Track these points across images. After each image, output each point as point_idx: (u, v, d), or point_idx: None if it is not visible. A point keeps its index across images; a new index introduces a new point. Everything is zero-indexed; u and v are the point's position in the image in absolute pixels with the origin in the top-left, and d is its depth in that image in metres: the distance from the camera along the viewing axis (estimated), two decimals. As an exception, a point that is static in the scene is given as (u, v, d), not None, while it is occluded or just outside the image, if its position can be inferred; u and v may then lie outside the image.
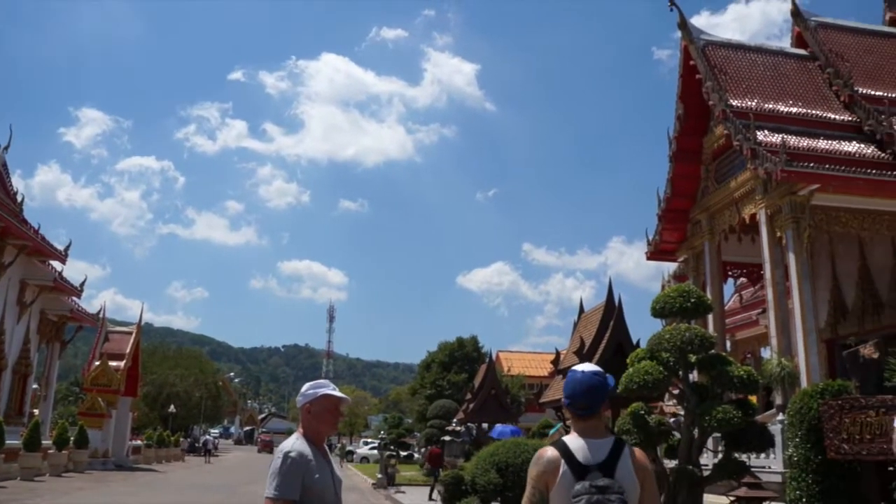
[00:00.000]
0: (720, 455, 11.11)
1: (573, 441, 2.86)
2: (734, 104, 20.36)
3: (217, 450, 60.64)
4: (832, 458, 7.51)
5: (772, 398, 19.25)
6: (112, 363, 35.37)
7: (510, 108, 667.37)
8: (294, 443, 3.48)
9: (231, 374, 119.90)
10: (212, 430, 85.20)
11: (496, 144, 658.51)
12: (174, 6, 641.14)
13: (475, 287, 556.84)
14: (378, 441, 46.99)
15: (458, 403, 35.17)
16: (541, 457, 2.87)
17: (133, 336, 38.47)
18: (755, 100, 20.82)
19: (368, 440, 63.24)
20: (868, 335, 18.40)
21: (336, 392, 3.60)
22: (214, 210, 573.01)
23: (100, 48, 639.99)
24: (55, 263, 31.92)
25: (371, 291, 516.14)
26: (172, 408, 60.00)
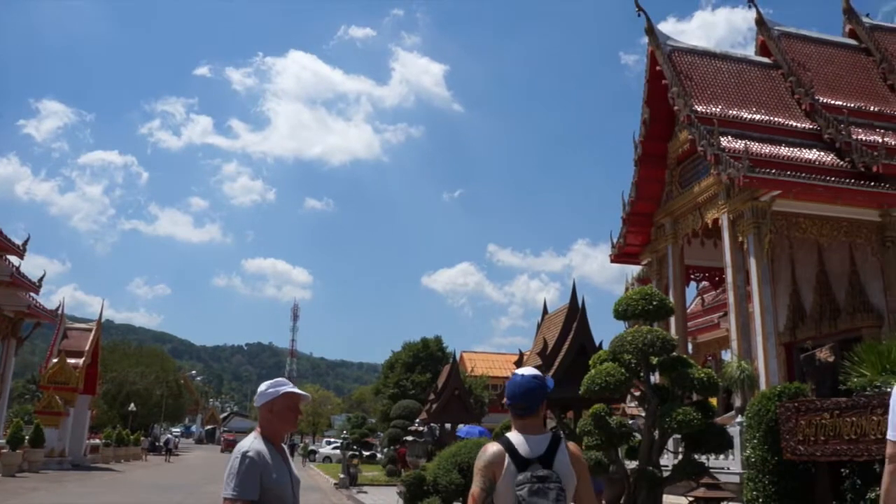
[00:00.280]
0: (680, 456, 11.22)
1: (515, 437, 3.16)
2: (699, 110, 20.60)
3: (178, 449, 59.98)
4: (788, 459, 7.63)
5: (732, 400, 19.52)
6: (70, 360, 34.79)
7: (478, 110, 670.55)
8: (252, 442, 3.44)
9: (193, 373, 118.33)
10: (173, 429, 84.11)
11: (463, 145, 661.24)
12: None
13: (440, 287, 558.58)
14: (341, 441, 46.76)
15: (422, 404, 35.12)
16: (486, 451, 3.15)
17: (93, 333, 37.84)
18: (719, 106, 21.09)
19: (331, 440, 62.85)
20: (825, 339, 18.77)
21: (296, 390, 3.58)
22: (178, 206, 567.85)
23: (62, 39, 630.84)
24: (12, 258, 31.18)
25: (336, 291, 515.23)
26: (132, 406, 59.04)
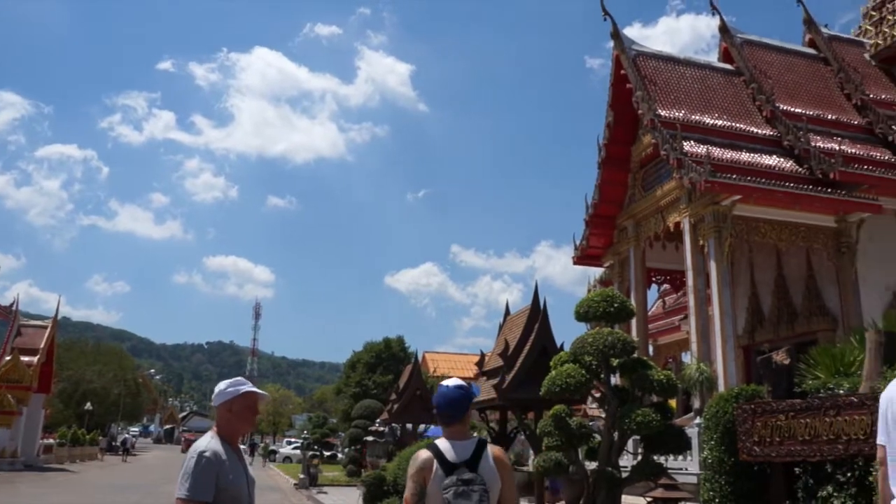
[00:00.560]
0: (639, 457, 11.32)
1: (442, 443, 3.40)
2: (662, 114, 20.80)
3: (135, 448, 59.08)
4: (744, 460, 7.75)
5: (691, 402, 19.74)
6: (24, 358, 34.10)
7: (443, 110, 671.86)
8: (208, 442, 3.39)
9: (152, 371, 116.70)
10: (131, 429, 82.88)
11: (428, 146, 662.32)
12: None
13: (403, 287, 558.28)
14: (301, 441, 46.44)
15: (384, 404, 35.00)
16: (417, 457, 3.40)
17: (48, 330, 37.15)
18: (683, 111, 21.33)
19: (292, 440, 62.43)
20: (782, 342, 19.06)
21: (256, 389, 3.55)
22: (139, 202, 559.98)
23: (19, 28, 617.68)
24: (-35, 253, 30.54)
25: (298, 289, 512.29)
26: (89, 405, 58.00)
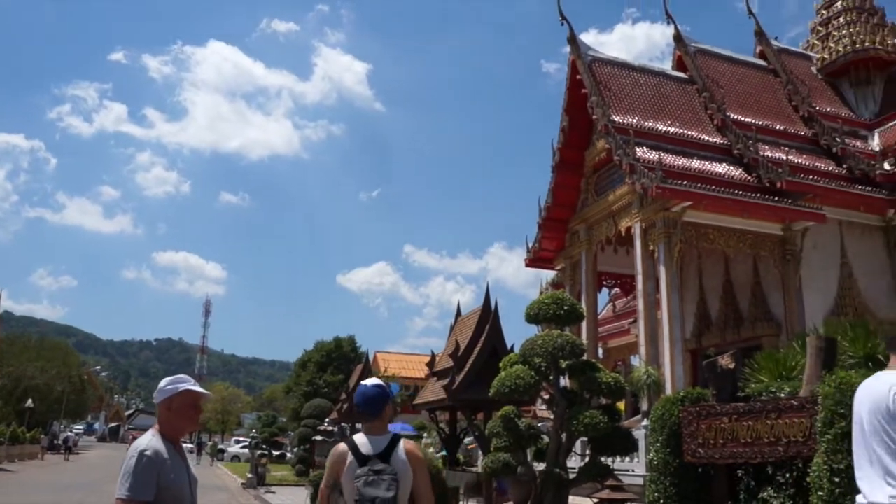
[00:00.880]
0: (587, 458, 11.43)
1: (359, 438, 3.68)
2: (616, 120, 21.04)
3: (77, 447, 57.73)
4: (689, 462, 7.86)
5: (639, 405, 20.02)
6: (-37, 352, 33.11)
7: (399, 110, 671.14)
8: (150, 440, 3.32)
9: (98, 368, 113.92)
10: (74, 427, 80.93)
11: (383, 145, 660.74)
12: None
13: (355, 287, 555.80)
14: (250, 440, 45.90)
15: (334, 403, 34.78)
16: (335, 451, 3.69)
17: (-11, 324, 36.14)
18: (636, 117, 21.61)
19: (240, 438, 61.63)
20: (729, 346, 19.40)
21: (197, 387, 3.49)
22: (88, 195, 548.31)
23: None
24: None
25: (250, 287, 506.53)
26: (30, 402, 56.46)
